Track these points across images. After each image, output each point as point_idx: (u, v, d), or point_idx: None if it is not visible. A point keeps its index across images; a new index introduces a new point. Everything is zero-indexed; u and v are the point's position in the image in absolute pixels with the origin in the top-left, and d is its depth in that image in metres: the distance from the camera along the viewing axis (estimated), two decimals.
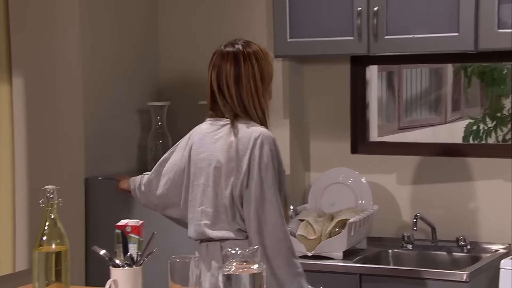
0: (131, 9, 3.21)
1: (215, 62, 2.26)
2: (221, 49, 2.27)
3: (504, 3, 2.62)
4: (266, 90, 2.26)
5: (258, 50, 2.25)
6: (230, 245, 2.14)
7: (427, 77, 7.52)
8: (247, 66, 2.22)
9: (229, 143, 2.22)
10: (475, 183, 2.97)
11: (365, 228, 2.92)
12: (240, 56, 2.22)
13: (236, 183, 2.20)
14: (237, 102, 2.23)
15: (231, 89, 2.22)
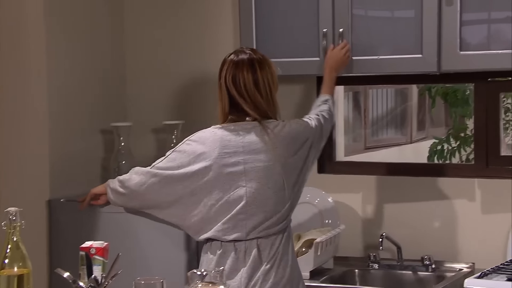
0: (97, 29, 3.20)
1: (230, 70, 2.38)
2: (232, 57, 2.38)
3: (466, 25, 2.67)
4: (275, 92, 2.43)
5: (266, 57, 2.44)
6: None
7: (393, 97, 7.63)
8: (264, 72, 2.38)
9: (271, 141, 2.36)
10: (440, 203, 3.00)
11: (332, 248, 2.92)
12: (255, 62, 2.36)
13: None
14: (261, 105, 2.37)
15: (251, 94, 2.35)
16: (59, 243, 2.94)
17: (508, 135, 5.31)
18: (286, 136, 2.39)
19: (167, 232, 2.82)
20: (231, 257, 2.36)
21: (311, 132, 2.47)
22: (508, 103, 5.31)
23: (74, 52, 3.08)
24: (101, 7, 3.22)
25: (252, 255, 2.35)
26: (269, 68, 2.41)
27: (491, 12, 2.67)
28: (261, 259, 2.35)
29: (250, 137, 2.37)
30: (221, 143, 2.38)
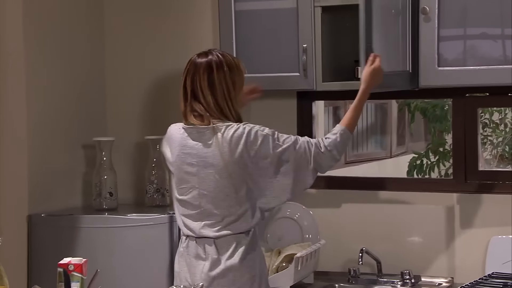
0: (78, 44, 3.20)
1: (189, 69, 2.45)
2: (195, 58, 2.46)
3: (444, 41, 2.70)
4: (237, 95, 2.45)
5: (230, 59, 2.45)
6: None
7: (373, 112, 7.68)
8: (220, 73, 2.42)
9: (224, 141, 2.40)
10: (419, 217, 3.02)
11: (312, 263, 2.93)
12: (212, 64, 2.42)
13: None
14: (213, 103, 2.41)
15: (206, 93, 2.41)
16: (39, 258, 2.92)
17: (486, 150, 5.36)
18: (234, 140, 2.40)
19: (147, 248, 2.81)
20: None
21: (269, 146, 2.41)
22: (485, 118, 5.37)
23: (54, 67, 3.07)
24: (81, 23, 3.22)
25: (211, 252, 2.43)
26: (229, 70, 2.42)
27: (467, 28, 2.71)
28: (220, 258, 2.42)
29: (203, 139, 2.43)
30: (177, 142, 2.49)
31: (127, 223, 2.84)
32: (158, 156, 3.16)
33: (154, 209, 3.07)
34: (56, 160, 3.07)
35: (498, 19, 2.64)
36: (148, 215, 2.87)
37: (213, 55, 2.44)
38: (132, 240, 2.82)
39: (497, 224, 2.89)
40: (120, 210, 3.07)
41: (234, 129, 2.41)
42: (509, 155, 5.36)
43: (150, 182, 3.15)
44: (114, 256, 2.80)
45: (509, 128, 5.40)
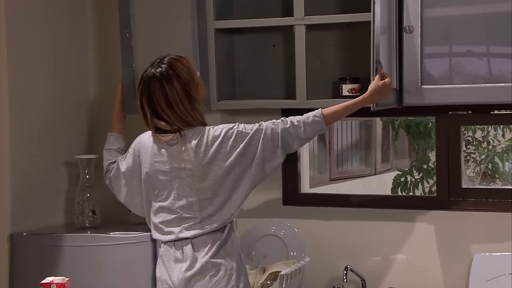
0: (61, 61, 3.19)
1: (143, 88, 2.51)
2: (146, 73, 2.50)
3: (429, 58, 2.72)
4: (196, 99, 2.51)
5: (179, 66, 2.49)
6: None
7: (357, 129, 7.72)
8: (172, 89, 2.47)
9: (193, 147, 2.48)
10: (403, 235, 3.03)
11: (297, 280, 2.92)
12: (163, 81, 2.47)
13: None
14: (175, 118, 2.48)
15: (166, 112, 2.48)
16: (21, 278, 2.88)
17: (469, 167, 5.40)
18: (203, 144, 2.48)
19: (131, 266, 2.79)
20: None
21: (236, 135, 2.48)
22: (469, 135, 5.42)
23: (37, 85, 3.06)
24: (66, 40, 3.22)
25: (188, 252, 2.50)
26: (180, 80, 2.47)
27: (452, 46, 2.73)
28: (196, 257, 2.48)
29: (174, 146, 2.49)
30: (146, 153, 2.56)
31: (110, 241, 2.82)
32: None
33: (138, 227, 3.04)
34: (38, 178, 3.04)
35: (483, 37, 2.67)
36: (131, 233, 2.85)
37: (161, 67, 2.49)
38: (116, 259, 2.79)
39: (480, 241, 2.90)
40: (103, 228, 3.05)
41: (201, 134, 2.48)
42: (491, 172, 5.40)
43: None
44: (97, 274, 2.78)
45: (491, 146, 5.45)
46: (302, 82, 2.87)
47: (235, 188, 2.49)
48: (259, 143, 2.49)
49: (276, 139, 2.51)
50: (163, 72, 2.47)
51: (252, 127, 2.51)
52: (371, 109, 2.59)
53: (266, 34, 3.07)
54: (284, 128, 2.51)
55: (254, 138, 2.49)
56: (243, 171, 2.48)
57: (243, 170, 2.48)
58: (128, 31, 2.89)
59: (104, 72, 3.35)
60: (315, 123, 2.52)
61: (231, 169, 2.47)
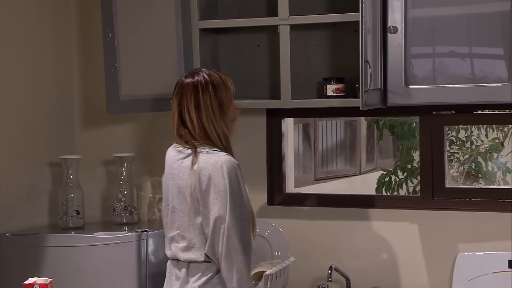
0: (45, 61, 3.17)
1: (177, 92, 2.44)
2: (182, 79, 2.45)
3: (412, 59, 2.74)
4: (226, 114, 2.43)
5: (216, 78, 2.43)
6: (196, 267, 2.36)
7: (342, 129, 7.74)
8: (205, 94, 2.40)
9: (193, 171, 2.36)
10: (387, 234, 3.04)
11: (282, 280, 2.92)
12: (198, 85, 2.40)
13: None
14: (198, 128, 2.39)
15: (192, 115, 2.39)
16: (3, 279, 2.87)
17: (453, 167, 5.43)
18: (200, 171, 2.36)
19: (115, 266, 2.78)
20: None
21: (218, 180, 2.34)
22: (452, 135, 5.45)
23: (21, 84, 3.04)
24: (49, 39, 3.20)
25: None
26: (214, 90, 2.40)
27: (436, 47, 2.75)
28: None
29: (184, 164, 2.41)
30: (167, 162, 2.48)
31: (94, 241, 2.80)
32: (126, 174, 3.13)
33: (122, 227, 3.04)
34: (21, 179, 3.03)
35: (466, 38, 2.69)
36: (115, 233, 2.84)
37: (200, 75, 2.42)
38: (99, 259, 2.78)
39: (463, 240, 2.92)
40: (87, 229, 3.04)
41: (207, 161, 2.35)
42: (475, 172, 5.44)
43: (117, 200, 3.12)
44: (80, 275, 2.76)
45: (475, 146, 5.48)
46: (286, 82, 2.87)
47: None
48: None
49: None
50: (200, 78, 2.42)
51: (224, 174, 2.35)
52: (360, 108, 2.60)
53: (251, 34, 3.07)
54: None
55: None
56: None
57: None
58: (110, 30, 2.88)
59: (88, 72, 3.33)
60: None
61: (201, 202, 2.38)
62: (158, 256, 2.86)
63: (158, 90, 2.96)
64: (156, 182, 3.29)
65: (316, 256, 3.10)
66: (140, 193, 3.26)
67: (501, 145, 5.49)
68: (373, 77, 2.63)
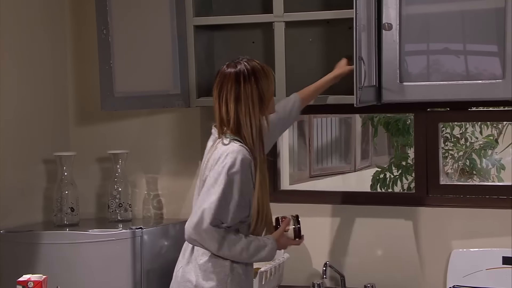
0: (39, 58, 3.17)
1: (218, 82, 2.38)
2: (224, 69, 2.39)
3: (406, 56, 2.74)
4: (266, 107, 2.38)
5: (259, 69, 2.38)
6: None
7: (337, 126, 7.75)
8: (247, 86, 2.34)
9: (208, 158, 2.36)
10: (382, 231, 3.04)
11: (276, 277, 2.92)
12: (240, 76, 2.34)
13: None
14: (234, 119, 2.34)
15: (230, 107, 2.33)
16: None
17: (447, 164, 5.44)
18: (212, 157, 2.36)
19: (109, 263, 2.77)
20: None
21: (228, 171, 2.29)
22: (447, 132, 5.46)
23: (14, 81, 3.03)
24: (44, 34, 3.19)
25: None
26: (256, 82, 2.34)
27: (430, 44, 2.75)
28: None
29: (211, 148, 2.39)
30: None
31: (89, 238, 2.80)
32: (120, 171, 3.13)
33: (116, 224, 3.03)
34: (16, 175, 3.02)
35: (460, 35, 2.69)
36: (110, 230, 2.84)
37: (241, 65, 2.35)
38: (94, 256, 2.78)
39: (458, 237, 2.92)
40: (81, 226, 3.03)
41: (220, 150, 2.32)
42: (469, 169, 5.45)
43: (112, 196, 3.12)
44: (75, 272, 2.76)
45: (469, 143, 5.49)
46: (281, 79, 2.87)
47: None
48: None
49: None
50: (242, 68, 2.34)
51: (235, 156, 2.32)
52: (354, 105, 2.60)
53: (245, 31, 3.07)
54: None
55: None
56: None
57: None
58: (105, 27, 2.87)
59: (82, 69, 3.32)
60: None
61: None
62: (153, 253, 2.86)
63: (152, 87, 2.95)
64: (151, 179, 3.29)
65: (311, 253, 3.10)
66: (134, 190, 3.25)
67: (495, 142, 5.50)
68: (368, 74, 2.63)
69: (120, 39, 2.89)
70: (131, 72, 2.94)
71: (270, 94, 2.40)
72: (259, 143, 2.37)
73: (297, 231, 2.43)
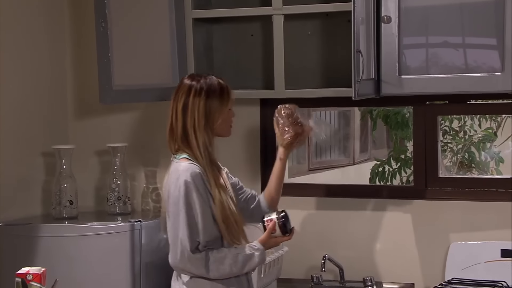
0: (37, 50, 3.16)
1: (174, 92, 2.40)
2: (183, 78, 2.41)
3: (405, 49, 2.74)
4: (211, 126, 2.35)
5: (215, 88, 2.36)
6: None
7: (336, 120, 7.74)
8: (196, 99, 2.34)
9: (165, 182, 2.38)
10: (381, 224, 3.05)
11: (275, 270, 2.93)
12: (192, 88, 2.35)
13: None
14: (181, 129, 2.35)
15: (178, 116, 2.35)
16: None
17: (446, 157, 5.45)
18: (166, 181, 2.37)
19: (108, 256, 2.78)
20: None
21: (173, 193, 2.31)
22: (446, 125, 5.46)
23: (13, 73, 3.03)
24: (42, 26, 3.18)
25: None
26: (207, 98, 2.34)
27: (429, 37, 2.74)
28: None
29: (167, 175, 2.39)
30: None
31: (88, 231, 2.80)
32: (119, 164, 3.13)
33: (115, 217, 3.03)
34: (15, 169, 3.02)
35: (459, 28, 2.69)
36: (109, 223, 2.84)
37: (201, 79, 2.36)
38: (93, 249, 2.78)
39: (456, 230, 2.93)
40: (80, 219, 3.03)
41: (170, 172, 2.33)
42: (468, 162, 5.45)
43: (111, 190, 3.12)
44: (74, 265, 2.76)
45: (468, 136, 5.49)
46: (280, 72, 2.87)
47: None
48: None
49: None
50: (198, 83, 2.35)
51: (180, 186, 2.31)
52: (353, 98, 2.59)
53: (244, 24, 3.06)
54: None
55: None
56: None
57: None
58: (103, 20, 2.86)
59: (81, 62, 3.32)
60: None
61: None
62: (152, 246, 2.86)
63: (151, 80, 2.95)
64: (150, 172, 3.29)
65: (309, 246, 3.10)
66: (133, 183, 3.26)
67: (494, 135, 5.50)
68: (367, 67, 2.63)
69: (118, 32, 2.88)
70: (129, 65, 2.93)
71: (219, 115, 2.36)
72: (207, 155, 2.35)
73: (283, 228, 2.38)
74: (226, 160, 3.23)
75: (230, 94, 2.39)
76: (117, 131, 3.29)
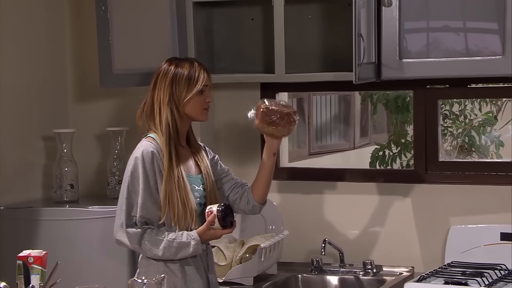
0: (37, 34, 3.15)
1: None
2: (163, 61, 2.48)
3: (406, 33, 2.73)
4: (176, 106, 2.40)
5: (183, 74, 2.41)
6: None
7: (336, 104, 7.73)
8: (163, 79, 2.42)
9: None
10: (381, 208, 3.05)
11: (276, 254, 2.94)
12: (162, 69, 2.44)
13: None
14: (149, 105, 2.44)
15: (148, 94, 2.44)
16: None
17: (447, 141, 5.44)
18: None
19: (108, 240, 2.79)
20: None
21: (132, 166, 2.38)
22: (446, 109, 5.45)
23: (12, 57, 3.02)
24: (41, 11, 3.17)
25: None
26: (172, 80, 2.40)
27: (430, 21, 2.73)
28: None
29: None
30: None
31: (88, 215, 2.81)
32: (120, 148, 3.13)
33: (116, 201, 3.03)
34: (15, 153, 3.02)
35: (459, 12, 2.68)
36: (109, 207, 2.84)
37: (173, 65, 2.43)
38: (93, 232, 2.79)
39: (456, 214, 2.93)
40: (81, 202, 3.04)
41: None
42: (468, 146, 5.45)
43: (112, 173, 3.12)
44: (74, 248, 2.78)
45: (468, 120, 5.49)
46: (280, 56, 2.86)
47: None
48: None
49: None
50: (170, 67, 2.43)
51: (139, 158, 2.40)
52: (354, 82, 2.59)
53: (244, 7, 3.05)
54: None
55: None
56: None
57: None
58: (103, 3, 2.85)
59: (81, 46, 3.31)
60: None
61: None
62: None
63: (151, 64, 2.93)
64: None
65: (310, 229, 3.11)
66: None
67: (494, 119, 5.49)
68: (367, 50, 2.62)
69: (118, 15, 2.87)
70: (130, 49, 2.92)
71: (183, 98, 2.40)
72: (168, 131, 2.39)
73: (222, 221, 2.36)
74: (227, 143, 3.24)
75: (198, 83, 2.42)
76: (117, 114, 3.29)
